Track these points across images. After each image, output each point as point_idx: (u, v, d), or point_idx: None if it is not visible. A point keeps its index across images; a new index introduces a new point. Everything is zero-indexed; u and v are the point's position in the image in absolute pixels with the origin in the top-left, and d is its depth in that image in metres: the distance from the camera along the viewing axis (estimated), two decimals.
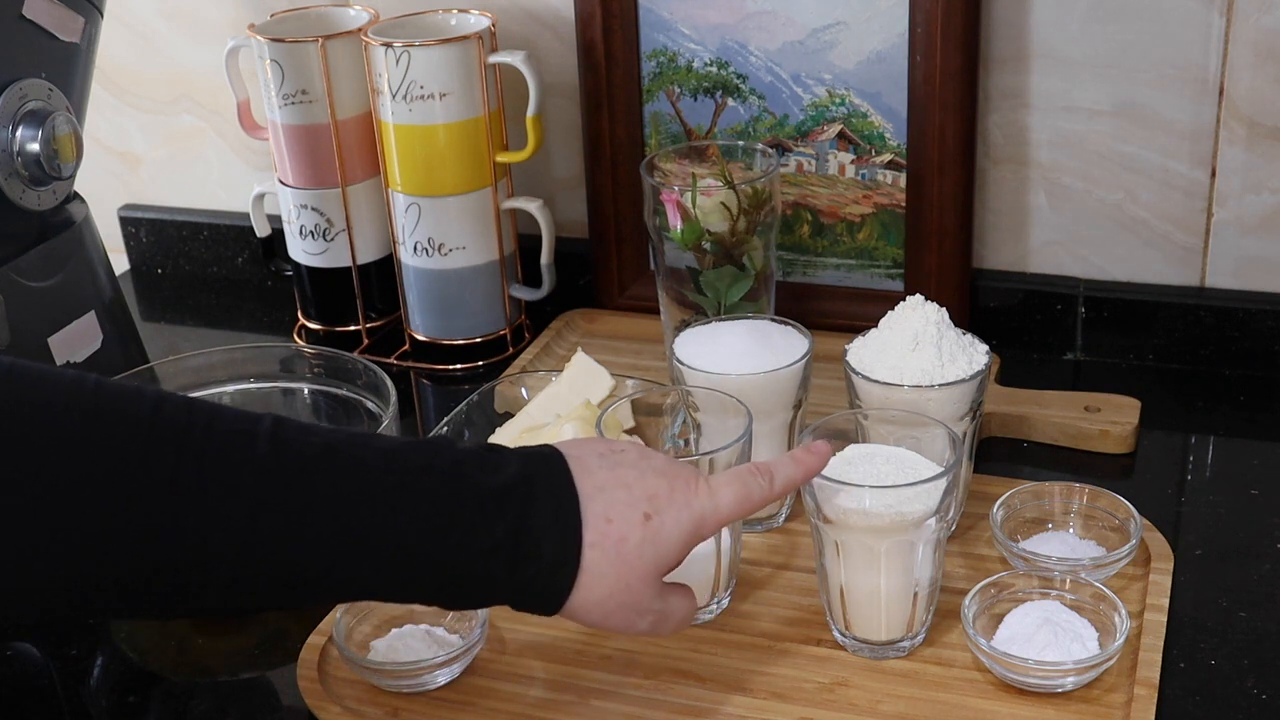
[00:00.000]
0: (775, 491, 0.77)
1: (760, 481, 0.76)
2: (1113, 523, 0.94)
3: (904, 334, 0.93)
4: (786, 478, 0.78)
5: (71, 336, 1.12)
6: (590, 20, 1.21)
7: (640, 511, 0.72)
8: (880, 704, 0.84)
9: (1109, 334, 1.20)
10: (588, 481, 0.72)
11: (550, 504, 0.70)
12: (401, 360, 1.27)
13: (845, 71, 1.18)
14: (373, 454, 0.68)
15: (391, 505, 0.67)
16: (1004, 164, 1.20)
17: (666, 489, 0.73)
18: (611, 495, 0.71)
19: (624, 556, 0.71)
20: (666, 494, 0.73)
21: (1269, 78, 1.11)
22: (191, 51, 1.41)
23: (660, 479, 0.73)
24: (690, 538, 0.74)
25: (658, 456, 0.76)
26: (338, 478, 0.67)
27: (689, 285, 1.10)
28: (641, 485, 0.72)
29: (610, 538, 0.71)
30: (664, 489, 0.73)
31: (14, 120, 1.06)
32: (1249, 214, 1.15)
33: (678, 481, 0.74)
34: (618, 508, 0.71)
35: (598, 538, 0.70)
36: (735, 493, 0.75)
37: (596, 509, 0.71)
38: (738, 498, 0.75)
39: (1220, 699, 0.84)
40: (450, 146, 1.19)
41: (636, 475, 0.73)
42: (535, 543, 0.70)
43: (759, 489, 0.76)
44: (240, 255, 1.46)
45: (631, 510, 0.71)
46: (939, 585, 0.88)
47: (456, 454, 0.71)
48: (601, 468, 0.72)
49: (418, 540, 0.68)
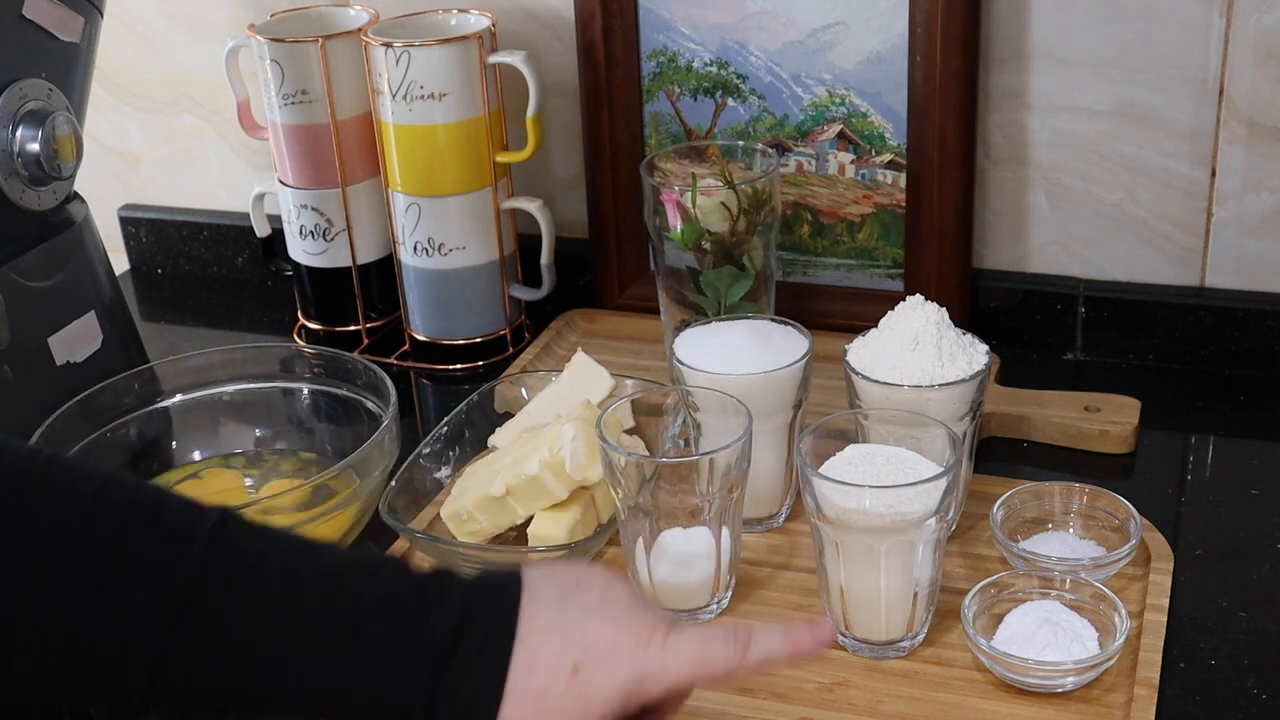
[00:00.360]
0: (747, 663, 0.68)
1: (727, 650, 0.68)
2: (1113, 523, 0.94)
3: (904, 334, 0.93)
4: (765, 652, 0.69)
5: (71, 336, 1.12)
6: (590, 20, 1.21)
7: (569, 662, 0.66)
8: (880, 704, 0.84)
9: (1109, 334, 1.20)
10: (529, 622, 0.67)
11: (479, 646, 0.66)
12: (401, 360, 1.27)
13: (845, 71, 1.18)
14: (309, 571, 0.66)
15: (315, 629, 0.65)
16: (1004, 164, 1.20)
17: (609, 639, 0.67)
18: (542, 641, 0.66)
19: (544, 710, 0.65)
20: (607, 645, 0.67)
21: (1269, 78, 1.11)
22: (191, 51, 1.41)
23: (606, 627, 0.67)
24: (623, 697, 0.66)
25: (622, 597, 0.70)
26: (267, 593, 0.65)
27: (689, 285, 1.10)
28: (582, 633, 0.67)
29: (531, 689, 0.65)
30: (606, 639, 0.67)
31: (14, 120, 1.05)
32: (1249, 214, 1.15)
33: (625, 633, 0.67)
34: (545, 656, 0.66)
35: (517, 687, 0.65)
36: (691, 655, 0.68)
37: (523, 656, 0.66)
38: (692, 662, 0.68)
39: (1220, 699, 0.84)
40: (450, 146, 1.19)
41: (580, 620, 0.67)
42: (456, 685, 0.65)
43: (724, 658, 0.68)
44: (240, 255, 1.46)
45: (559, 661, 0.66)
46: (939, 585, 0.88)
47: (396, 582, 0.67)
48: (550, 607, 0.67)
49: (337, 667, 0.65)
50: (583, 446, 0.94)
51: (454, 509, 0.98)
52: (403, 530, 0.97)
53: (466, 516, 0.97)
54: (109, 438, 1.07)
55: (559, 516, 0.95)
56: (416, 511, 1.01)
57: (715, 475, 0.87)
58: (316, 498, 0.98)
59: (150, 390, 1.11)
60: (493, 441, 1.07)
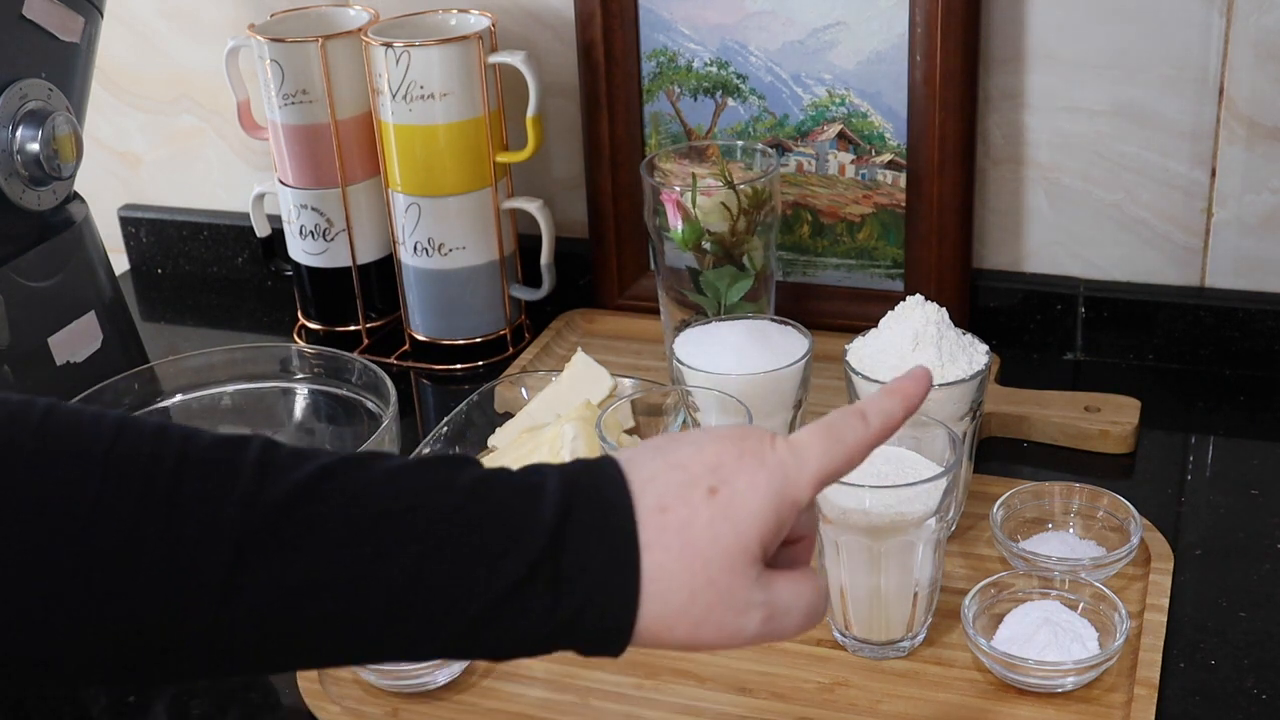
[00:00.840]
0: (873, 433, 0.61)
1: (852, 423, 0.61)
2: (1113, 523, 0.94)
3: (904, 334, 0.93)
4: (883, 413, 0.62)
5: (71, 336, 1.12)
6: (590, 20, 1.21)
7: (703, 487, 0.58)
8: (880, 704, 0.84)
9: (1109, 334, 1.20)
10: (638, 475, 0.58)
11: (591, 512, 0.57)
12: (401, 360, 1.27)
13: (845, 71, 1.18)
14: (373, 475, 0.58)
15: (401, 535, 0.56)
16: (1003, 164, 1.20)
17: (734, 453, 0.59)
18: (665, 481, 0.58)
19: (694, 546, 0.57)
20: (734, 459, 0.59)
21: (1269, 78, 1.11)
22: (191, 51, 1.41)
23: (723, 444, 0.60)
24: (776, 501, 0.58)
25: (725, 426, 0.63)
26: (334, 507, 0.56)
27: (689, 285, 1.10)
28: (699, 459, 0.59)
29: (670, 529, 0.57)
30: (730, 454, 0.59)
31: (14, 120, 1.06)
32: (1249, 214, 1.15)
33: (747, 442, 0.60)
34: (673, 491, 0.58)
35: (655, 534, 0.57)
36: (822, 442, 0.60)
37: (648, 502, 0.57)
38: (826, 447, 0.60)
39: (1220, 699, 0.84)
40: (450, 146, 1.19)
41: (694, 450, 0.59)
42: (579, 562, 0.56)
43: (852, 432, 0.61)
44: (240, 255, 1.46)
45: (691, 490, 0.58)
46: (939, 585, 0.88)
47: (477, 470, 0.59)
48: (653, 457, 0.59)
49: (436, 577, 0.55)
50: (583, 446, 0.94)
51: None
52: None
53: None
54: None
55: None
56: None
57: None
58: None
59: (150, 390, 1.11)
60: (493, 441, 1.07)
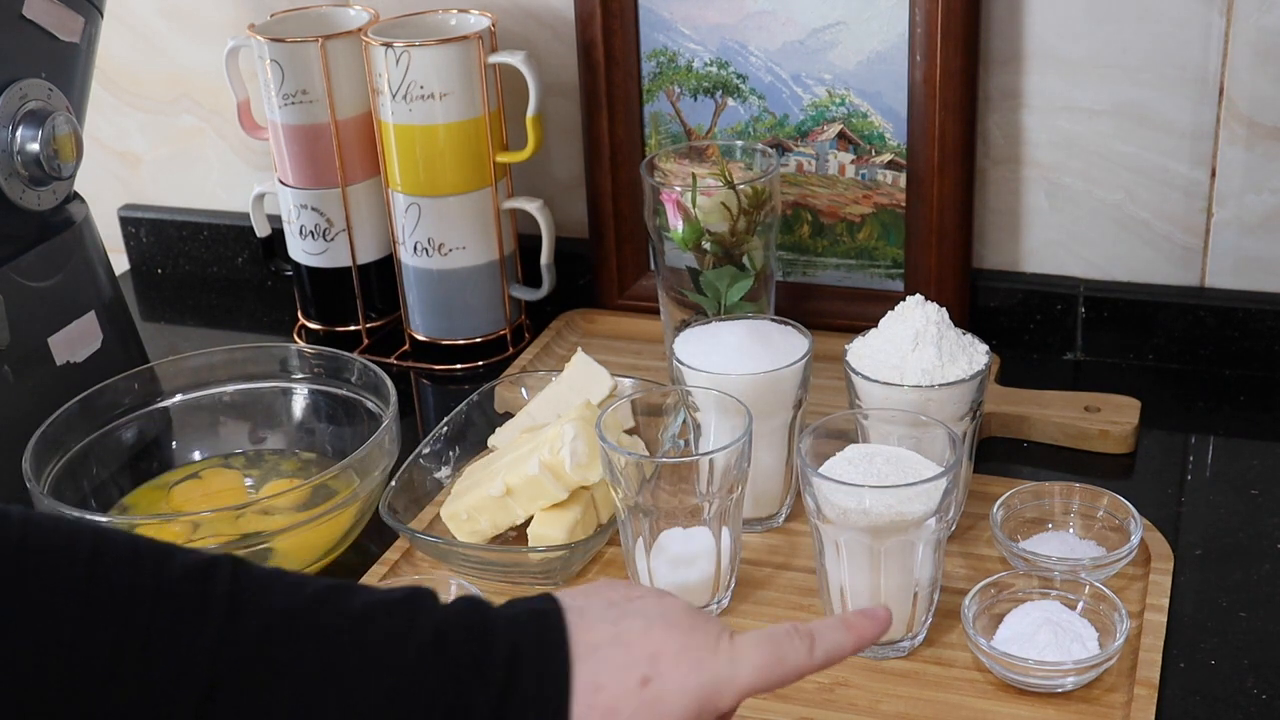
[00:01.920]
0: (815, 661, 0.64)
1: (796, 650, 0.64)
2: (1113, 523, 0.94)
3: (904, 334, 0.93)
4: (832, 645, 0.65)
5: (71, 336, 1.12)
6: (590, 20, 1.21)
7: (637, 675, 0.61)
8: (880, 704, 0.84)
9: (1109, 334, 1.20)
10: (584, 639, 0.62)
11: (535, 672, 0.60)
12: (401, 360, 1.27)
13: (845, 71, 1.18)
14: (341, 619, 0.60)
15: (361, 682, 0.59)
16: (1003, 164, 1.20)
17: (676, 647, 0.62)
18: (605, 656, 0.61)
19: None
20: (674, 653, 0.62)
21: (1269, 78, 1.11)
22: (191, 51, 1.41)
23: (670, 633, 0.63)
24: (699, 707, 0.62)
25: (677, 605, 0.65)
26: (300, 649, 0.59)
27: (689, 285, 1.10)
28: (644, 642, 0.62)
29: (598, 708, 0.60)
30: (672, 646, 0.62)
31: (14, 120, 1.06)
32: (1249, 214, 1.15)
33: (692, 638, 0.63)
34: (610, 671, 0.61)
35: (584, 710, 0.60)
36: (762, 658, 0.63)
37: (586, 675, 0.61)
38: (765, 664, 0.63)
39: (1220, 699, 0.84)
40: (450, 146, 1.19)
41: (642, 629, 0.63)
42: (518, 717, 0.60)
43: (795, 656, 0.64)
44: (240, 255, 1.46)
45: (626, 673, 0.61)
46: (939, 585, 0.88)
47: (436, 619, 0.61)
48: (604, 620, 0.63)
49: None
50: (583, 446, 0.94)
51: (454, 509, 0.98)
52: (403, 530, 0.97)
53: (466, 516, 0.97)
54: (109, 438, 1.07)
55: (559, 516, 0.95)
56: (416, 511, 1.01)
57: (715, 475, 0.87)
58: (316, 498, 0.98)
59: (150, 390, 1.11)
60: (493, 441, 1.07)
